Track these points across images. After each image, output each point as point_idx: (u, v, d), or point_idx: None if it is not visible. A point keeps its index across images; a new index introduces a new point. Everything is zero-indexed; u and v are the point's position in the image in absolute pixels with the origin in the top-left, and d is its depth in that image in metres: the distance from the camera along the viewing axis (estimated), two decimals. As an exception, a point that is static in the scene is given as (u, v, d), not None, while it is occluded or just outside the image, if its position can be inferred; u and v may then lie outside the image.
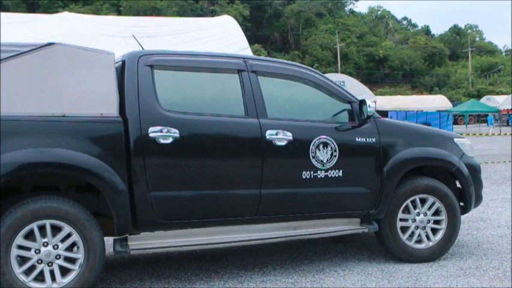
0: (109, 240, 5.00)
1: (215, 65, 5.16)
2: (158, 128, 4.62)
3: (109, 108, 4.55)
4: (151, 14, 51.92)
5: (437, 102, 47.85)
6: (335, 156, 5.18)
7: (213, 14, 56.39)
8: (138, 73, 4.74)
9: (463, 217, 6.10)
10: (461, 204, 5.91)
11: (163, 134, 4.62)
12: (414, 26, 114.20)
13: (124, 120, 4.56)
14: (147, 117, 4.63)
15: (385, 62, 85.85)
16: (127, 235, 4.72)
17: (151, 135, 4.59)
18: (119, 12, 58.17)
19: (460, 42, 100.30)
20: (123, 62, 4.83)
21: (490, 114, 49.92)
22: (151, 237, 4.81)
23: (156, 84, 4.76)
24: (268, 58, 5.98)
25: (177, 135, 4.66)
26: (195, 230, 4.90)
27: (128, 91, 4.67)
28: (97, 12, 55.23)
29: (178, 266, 5.58)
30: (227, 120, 4.95)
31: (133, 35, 5.96)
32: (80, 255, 4.39)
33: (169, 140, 4.64)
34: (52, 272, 4.30)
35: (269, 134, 4.97)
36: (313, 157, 5.10)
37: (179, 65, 5.00)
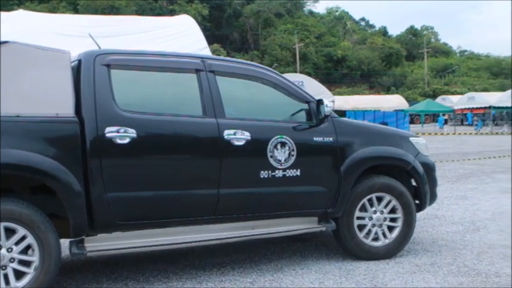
0: (65, 243, 4.92)
1: (173, 65, 5.13)
2: (115, 128, 4.57)
3: (65, 108, 4.48)
4: (109, 13, 51.15)
5: (394, 102, 48.54)
6: (293, 155, 5.22)
7: (172, 13, 55.89)
8: (94, 72, 4.68)
9: (418, 214, 6.22)
10: (417, 202, 6.03)
11: (120, 134, 4.58)
12: (372, 26, 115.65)
13: (80, 121, 4.50)
14: (104, 117, 4.57)
15: (343, 62, 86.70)
16: (83, 237, 4.66)
17: (108, 135, 4.54)
18: (76, 11, 57.18)
19: (416, 43, 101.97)
20: (79, 61, 4.77)
21: (441, 115, 51.02)
22: (108, 239, 4.76)
23: (113, 83, 4.71)
24: (227, 58, 5.99)
25: (134, 135, 4.62)
26: (153, 230, 4.88)
27: (84, 91, 4.61)
28: (53, 10, 54.26)
29: (136, 267, 5.53)
30: (185, 120, 4.94)
31: (89, 34, 5.89)
32: (35, 258, 4.31)
33: (127, 140, 4.60)
34: (6, 276, 4.20)
35: (227, 133, 4.98)
36: (271, 157, 5.13)
37: (136, 64, 4.96)
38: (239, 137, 5.02)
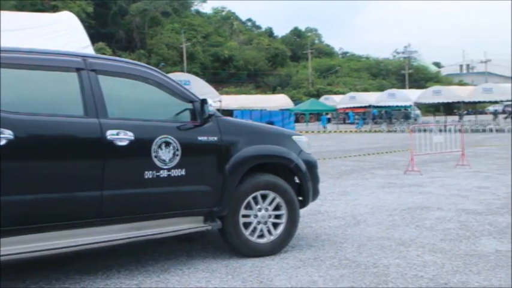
0: None
1: (51, 63, 4.94)
2: (-12, 129, 4.33)
3: None
4: (-17, 8, 48.48)
5: (280, 101, 49.56)
6: (177, 155, 5.20)
7: (54, 9, 53.79)
8: None
9: (302, 211, 6.40)
10: (300, 198, 6.20)
11: (-5, 136, 4.35)
12: (258, 27, 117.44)
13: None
14: (-24, 118, 4.33)
15: (230, 62, 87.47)
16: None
17: (-18, 137, 4.30)
18: None
19: (300, 44, 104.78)
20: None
21: (324, 114, 52.82)
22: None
23: (-13, 82, 4.47)
24: (110, 57, 5.85)
25: (11, 136, 4.41)
26: (35, 235, 4.67)
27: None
28: None
29: (15, 274, 5.27)
30: (65, 120, 4.78)
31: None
32: None
33: (3, 142, 4.38)
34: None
35: (110, 134, 4.88)
36: (156, 157, 5.08)
37: (13, 62, 4.72)
38: (122, 137, 4.93)
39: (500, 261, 5.47)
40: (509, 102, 48.52)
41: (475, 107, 59.63)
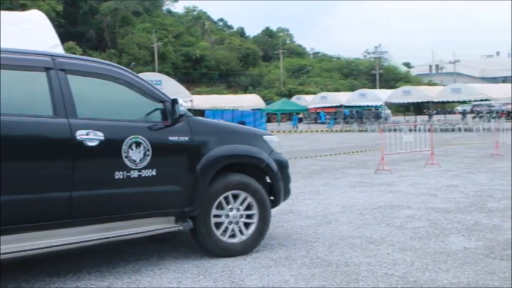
0: None
1: (20, 63, 4.86)
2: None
3: None
4: None
5: (251, 101, 49.58)
6: (148, 155, 5.17)
7: (23, 8, 53.00)
8: None
9: (274, 210, 6.42)
10: (272, 198, 6.21)
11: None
12: (230, 27, 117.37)
13: None
14: None
15: (202, 62, 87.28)
16: None
17: None
18: None
19: (272, 44, 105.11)
20: None
21: (295, 114, 53.05)
22: None
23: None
24: (79, 56, 5.79)
25: (-23, 137, 4.33)
26: (2, 237, 4.59)
27: None
28: None
29: (-18, 277, 5.19)
30: (34, 120, 4.72)
31: None
32: None
33: (-31, 142, 4.30)
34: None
35: (79, 134, 4.82)
36: (126, 157, 5.05)
37: None
38: (92, 138, 4.88)
39: (469, 258, 5.56)
40: (477, 102, 49.40)
41: (444, 107, 60.48)
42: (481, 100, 40.83)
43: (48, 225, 4.81)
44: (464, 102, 50.36)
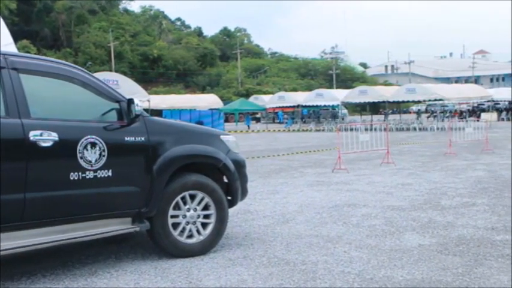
0: None
1: None
2: None
3: None
4: None
5: (209, 101, 49.34)
6: (104, 156, 5.11)
7: (-26, 6, 51.81)
8: None
9: (231, 210, 6.44)
10: (229, 198, 6.22)
11: None
12: (187, 27, 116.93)
13: None
14: None
15: (159, 62, 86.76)
16: None
17: None
18: None
19: (230, 44, 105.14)
20: None
21: (248, 114, 53.23)
22: None
23: None
24: (33, 55, 5.68)
25: None
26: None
27: None
28: None
29: None
30: (-15, 120, 4.60)
31: None
32: None
33: None
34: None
35: (33, 134, 4.74)
36: (81, 157, 4.98)
37: None
38: (46, 138, 4.80)
39: (423, 255, 5.67)
40: (432, 102, 50.38)
41: (399, 107, 61.40)
42: (435, 100, 41.61)
43: (1, 227, 4.70)
44: (418, 102, 51.25)
